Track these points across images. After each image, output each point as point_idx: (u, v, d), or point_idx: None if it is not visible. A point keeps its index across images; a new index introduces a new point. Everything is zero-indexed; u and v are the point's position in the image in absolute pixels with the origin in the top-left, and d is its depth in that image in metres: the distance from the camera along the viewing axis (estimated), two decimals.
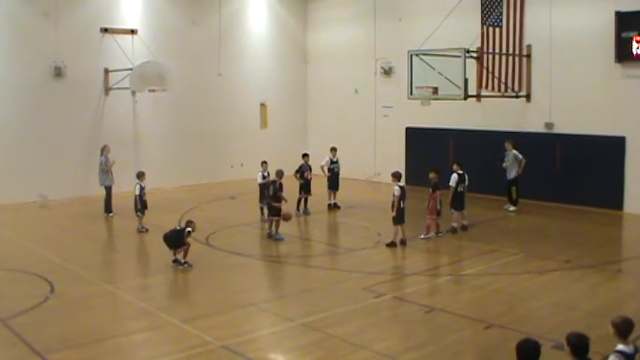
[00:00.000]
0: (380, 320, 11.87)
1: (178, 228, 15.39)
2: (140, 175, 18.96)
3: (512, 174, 21.63)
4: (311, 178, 21.52)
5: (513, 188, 21.74)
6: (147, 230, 18.67)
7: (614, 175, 21.10)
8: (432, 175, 18.09)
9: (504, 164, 21.71)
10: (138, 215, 18.82)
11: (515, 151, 21.50)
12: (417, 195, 19.34)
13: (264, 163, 20.45)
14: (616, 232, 19.71)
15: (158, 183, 20.70)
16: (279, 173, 18.43)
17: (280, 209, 18.05)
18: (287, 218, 18.11)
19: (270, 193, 18.28)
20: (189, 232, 15.13)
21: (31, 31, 23.49)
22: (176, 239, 15.14)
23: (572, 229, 19.31)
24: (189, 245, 15.16)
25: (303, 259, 16.60)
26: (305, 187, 21.41)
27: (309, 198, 21.51)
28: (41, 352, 10.15)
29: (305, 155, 21.86)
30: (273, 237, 18.01)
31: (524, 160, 21.36)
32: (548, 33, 22.34)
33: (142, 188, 18.76)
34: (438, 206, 17.89)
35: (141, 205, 18.73)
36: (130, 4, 25.93)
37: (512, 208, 21.68)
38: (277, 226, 18.12)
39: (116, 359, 10.07)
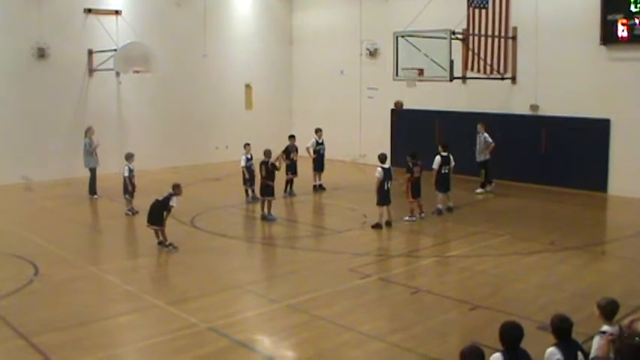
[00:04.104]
0: (366, 301, 11.89)
1: (161, 198, 15.16)
2: (129, 157, 18.71)
3: (481, 157, 21.59)
4: (297, 160, 21.48)
5: (483, 171, 21.73)
6: (134, 213, 18.50)
7: (598, 157, 21.19)
8: (407, 159, 18.07)
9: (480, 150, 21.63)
10: (126, 198, 18.68)
11: (486, 134, 21.47)
12: (402, 177, 19.24)
13: (247, 145, 20.35)
14: (600, 214, 19.83)
15: (143, 165, 20.60)
16: (267, 153, 18.44)
17: (273, 188, 18.19)
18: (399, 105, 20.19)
19: (263, 173, 18.24)
20: (171, 206, 15.02)
21: (13, 12, 23.18)
22: (158, 211, 15.04)
23: (557, 211, 19.41)
24: (164, 227, 15.14)
25: (288, 241, 16.58)
26: (291, 168, 21.37)
27: (294, 179, 21.49)
28: (25, 334, 10.09)
29: (291, 137, 21.80)
30: (266, 218, 18.02)
31: (493, 144, 21.29)
32: (534, 15, 22.32)
33: (130, 170, 18.60)
34: (406, 187, 17.90)
35: (131, 187, 18.59)
36: None
37: (479, 190, 21.66)
38: (269, 207, 18.12)
39: (101, 342, 10.02)
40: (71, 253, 14.94)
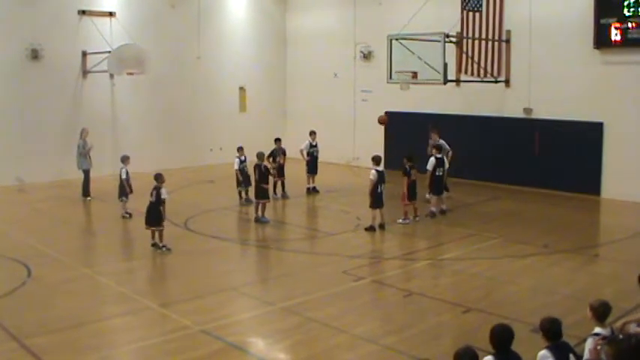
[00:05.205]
0: (359, 304, 11.91)
1: (153, 199, 15.14)
2: (125, 159, 18.60)
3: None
4: (284, 162, 21.46)
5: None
6: (130, 215, 18.45)
7: (591, 160, 21.23)
8: (404, 162, 18.08)
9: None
10: (122, 200, 18.60)
11: (442, 141, 21.13)
12: (396, 179, 19.34)
13: (240, 148, 20.36)
14: (593, 216, 19.88)
15: (136, 167, 20.49)
16: (260, 156, 18.45)
17: (268, 191, 18.34)
18: (383, 121, 20.82)
19: (257, 177, 18.22)
20: (164, 199, 15.05)
21: (7, 12, 23.11)
22: (155, 211, 15.06)
23: (550, 214, 19.45)
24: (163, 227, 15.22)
25: (282, 243, 16.59)
26: (278, 171, 21.34)
27: (285, 182, 21.48)
28: (18, 336, 10.07)
29: (277, 140, 21.77)
30: (259, 220, 18.02)
31: (451, 152, 20.59)
32: (528, 18, 22.36)
33: (127, 172, 18.54)
34: (405, 190, 17.85)
35: (128, 189, 18.52)
36: None
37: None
38: (263, 210, 18.13)
39: (95, 344, 10.01)
40: (64, 254, 14.91)
